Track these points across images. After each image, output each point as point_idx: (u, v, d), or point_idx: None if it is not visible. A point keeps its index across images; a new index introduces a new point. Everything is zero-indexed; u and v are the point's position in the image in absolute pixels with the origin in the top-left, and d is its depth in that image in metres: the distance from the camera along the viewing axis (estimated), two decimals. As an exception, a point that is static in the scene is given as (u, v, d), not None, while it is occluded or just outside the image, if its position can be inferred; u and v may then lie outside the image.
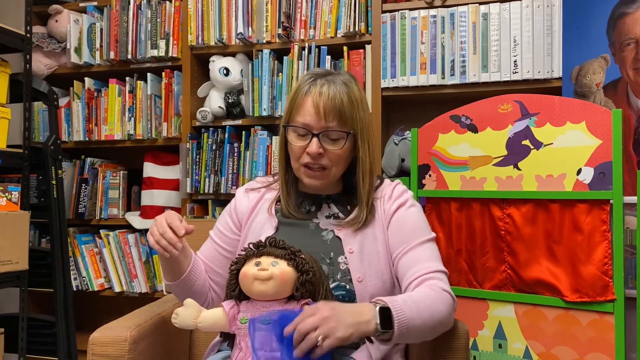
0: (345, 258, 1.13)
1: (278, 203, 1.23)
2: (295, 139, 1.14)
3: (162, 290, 2.32)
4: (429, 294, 1.05)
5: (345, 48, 2.15)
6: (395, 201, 1.19)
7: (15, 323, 1.97)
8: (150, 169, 2.38)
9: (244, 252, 1.02)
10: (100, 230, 2.40)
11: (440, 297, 1.06)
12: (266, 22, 2.22)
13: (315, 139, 1.11)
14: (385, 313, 0.95)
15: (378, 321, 0.94)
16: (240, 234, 1.24)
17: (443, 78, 2.04)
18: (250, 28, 2.23)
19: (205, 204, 2.31)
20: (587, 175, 1.55)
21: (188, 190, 2.27)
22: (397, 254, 1.14)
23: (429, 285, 1.08)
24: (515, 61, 1.96)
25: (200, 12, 2.27)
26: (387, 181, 1.25)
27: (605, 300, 1.51)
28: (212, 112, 2.24)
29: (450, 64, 2.03)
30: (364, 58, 2.14)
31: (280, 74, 2.18)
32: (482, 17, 2.00)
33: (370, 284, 1.10)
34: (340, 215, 1.20)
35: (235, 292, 1.00)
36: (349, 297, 1.10)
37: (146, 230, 2.36)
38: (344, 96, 1.12)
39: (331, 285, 1.10)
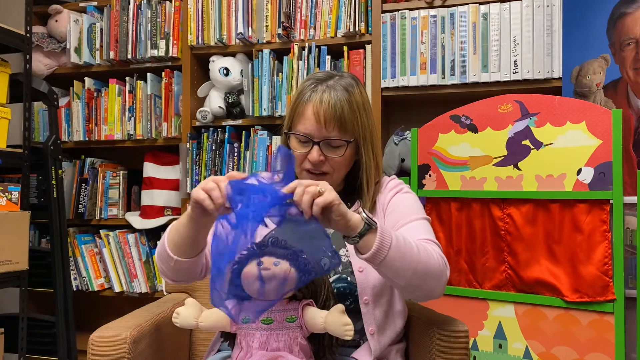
0: (347, 250, 1.14)
1: None
2: (297, 146, 1.15)
3: (162, 290, 2.32)
4: (421, 242, 1.04)
5: (345, 48, 2.15)
6: (391, 191, 1.22)
7: (15, 323, 1.97)
8: (150, 169, 2.38)
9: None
10: (100, 230, 2.40)
11: (431, 250, 1.03)
12: (266, 22, 2.22)
13: (316, 147, 1.12)
14: (372, 224, 0.95)
15: (365, 215, 0.94)
16: None
17: (443, 78, 2.04)
18: (250, 28, 2.23)
19: (205, 204, 2.31)
20: (587, 175, 1.55)
21: (188, 190, 2.27)
22: None
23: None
24: (515, 61, 1.96)
25: (200, 12, 2.27)
26: (385, 177, 1.28)
27: (605, 300, 1.51)
28: (212, 112, 2.24)
29: (450, 64, 2.03)
30: (364, 58, 2.14)
31: (280, 74, 2.18)
32: (482, 17, 2.00)
33: (371, 274, 1.11)
34: None
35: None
36: (350, 288, 1.11)
37: (146, 231, 2.36)
38: (345, 104, 1.11)
39: (333, 278, 1.11)
